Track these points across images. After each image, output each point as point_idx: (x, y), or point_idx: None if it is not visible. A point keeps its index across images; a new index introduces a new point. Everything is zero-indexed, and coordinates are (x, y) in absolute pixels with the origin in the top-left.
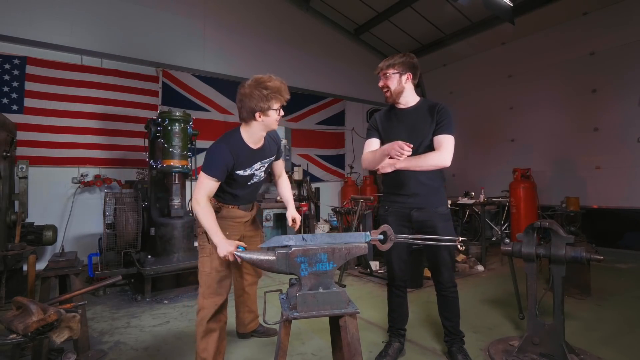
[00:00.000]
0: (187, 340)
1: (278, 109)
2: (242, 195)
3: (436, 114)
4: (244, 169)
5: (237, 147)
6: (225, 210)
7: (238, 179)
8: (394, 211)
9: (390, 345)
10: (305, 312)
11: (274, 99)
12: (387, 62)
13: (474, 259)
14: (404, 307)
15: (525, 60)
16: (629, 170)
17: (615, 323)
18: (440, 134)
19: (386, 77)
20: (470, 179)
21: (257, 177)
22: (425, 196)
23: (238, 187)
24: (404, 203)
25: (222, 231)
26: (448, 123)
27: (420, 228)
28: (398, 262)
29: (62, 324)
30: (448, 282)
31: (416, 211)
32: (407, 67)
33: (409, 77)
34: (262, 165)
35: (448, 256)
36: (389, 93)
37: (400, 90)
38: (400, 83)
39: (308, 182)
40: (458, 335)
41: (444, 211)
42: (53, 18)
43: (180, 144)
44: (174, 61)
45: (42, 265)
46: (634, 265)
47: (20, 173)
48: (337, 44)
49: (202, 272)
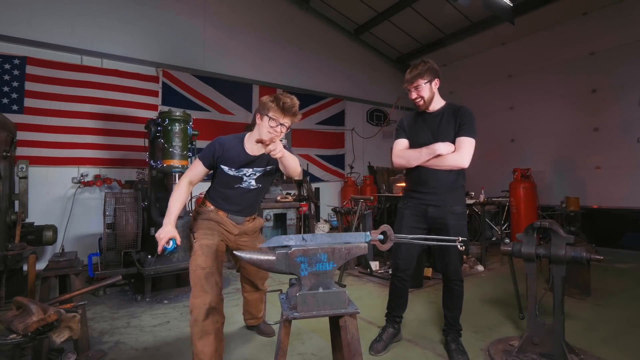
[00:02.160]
0: (187, 341)
1: (274, 120)
2: (232, 199)
3: (459, 117)
4: (229, 166)
5: (233, 144)
6: (214, 214)
7: (224, 175)
8: (412, 206)
9: (385, 330)
10: (305, 312)
11: (273, 110)
12: (413, 74)
13: (474, 259)
14: (404, 298)
15: (525, 60)
16: (629, 170)
17: (615, 323)
18: (460, 136)
19: (417, 89)
20: (470, 179)
21: (246, 183)
22: (442, 194)
23: (225, 186)
24: (421, 199)
25: (208, 231)
26: (469, 126)
27: (432, 224)
28: (406, 254)
29: (62, 324)
30: (453, 275)
31: (432, 208)
32: (434, 74)
33: (437, 83)
34: (253, 173)
35: (457, 251)
36: (422, 102)
37: (432, 97)
38: (431, 90)
39: (308, 182)
40: (455, 326)
41: (458, 210)
42: (53, 18)
43: (181, 144)
44: (174, 61)
45: (42, 265)
46: (634, 265)
47: (20, 173)
48: (337, 44)
49: (190, 272)
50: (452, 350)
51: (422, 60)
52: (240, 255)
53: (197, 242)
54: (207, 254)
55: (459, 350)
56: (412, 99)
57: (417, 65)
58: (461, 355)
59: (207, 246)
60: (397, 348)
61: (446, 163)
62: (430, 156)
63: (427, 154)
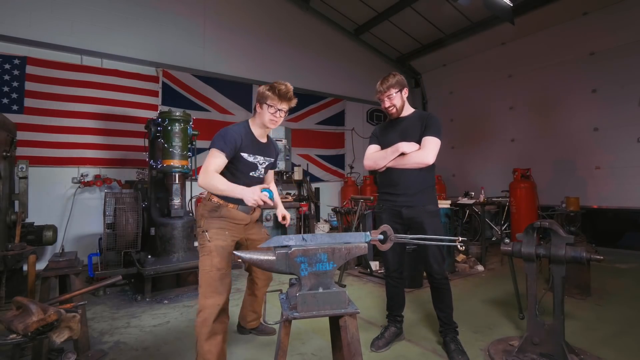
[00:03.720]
0: (187, 341)
1: (272, 107)
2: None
3: (425, 120)
4: (249, 153)
5: (245, 131)
6: (225, 209)
7: (242, 163)
8: (387, 208)
9: (387, 329)
10: (305, 312)
11: (270, 98)
12: (385, 85)
13: (474, 259)
14: (400, 297)
15: (525, 60)
16: (629, 170)
17: (615, 323)
18: (426, 136)
19: (390, 98)
20: (470, 179)
21: (258, 172)
22: (414, 195)
23: (241, 176)
24: (394, 201)
25: (221, 231)
26: (435, 128)
27: (410, 224)
28: (392, 255)
29: (62, 324)
30: (438, 274)
31: (406, 209)
32: (402, 84)
33: (406, 92)
34: (264, 162)
35: (437, 250)
36: (394, 110)
37: (403, 105)
38: (402, 98)
39: (308, 182)
40: (451, 325)
41: (432, 209)
42: (53, 18)
43: (180, 144)
44: (174, 61)
45: (42, 265)
46: (634, 265)
47: (20, 173)
48: (337, 44)
49: (203, 271)
50: (452, 351)
51: (391, 73)
52: (241, 255)
53: (212, 242)
54: (222, 255)
55: (458, 350)
56: (384, 107)
57: (387, 77)
58: (461, 355)
59: (222, 247)
60: (397, 347)
61: (411, 161)
62: (395, 154)
63: (391, 153)
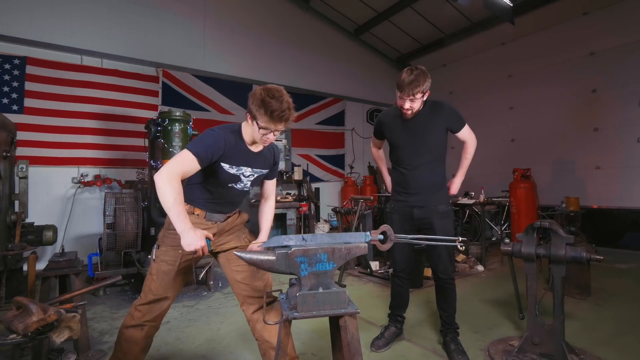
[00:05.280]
0: (187, 341)
1: (264, 129)
2: (218, 199)
3: (445, 115)
4: (230, 164)
5: (233, 139)
6: (188, 211)
7: (221, 173)
8: (398, 209)
9: (388, 328)
10: (305, 312)
11: (261, 119)
12: (416, 88)
13: (474, 259)
14: (404, 297)
15: (525, 60)
16: (629, 170)
17: (615, 323)
18: (459, 131)
19: (412, 101)
20: (470, 179)
21: (241, 184)
22: (425, 195)
23: (217, 184)
24: (406, 201)
25: (172, 250)
26: (457, 118)
27: (420, 225)
28: (401, 255)
29: (62, 324)
30: (444, 274)
31: (417, 209)
32: (429, 87)
33: (428, 93)
34: (252, 174)
35: (444, 250)
36: (410, 112)
37: (420, 107)
38: (422, 102)
39: (308, 182)
40: (452, 326)
41: (443, 209)
42: (53, 18)
43: (181, 144)
44: (174, 61)
45: (42, 265)
46: (634, 265)
47: (20, 173)
48: (337, 44)
49: (144, 284)
50: (452, 351)
51: (422, 72)
52: (241, 255)
53: (157, 262)
54: (162, 281)
55: (458, 350)
56: (401, 107)
57: (418, 78)
58: (461, 355)
59: (164, 273)
60: (397, 347)
61: (471, 155)
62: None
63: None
